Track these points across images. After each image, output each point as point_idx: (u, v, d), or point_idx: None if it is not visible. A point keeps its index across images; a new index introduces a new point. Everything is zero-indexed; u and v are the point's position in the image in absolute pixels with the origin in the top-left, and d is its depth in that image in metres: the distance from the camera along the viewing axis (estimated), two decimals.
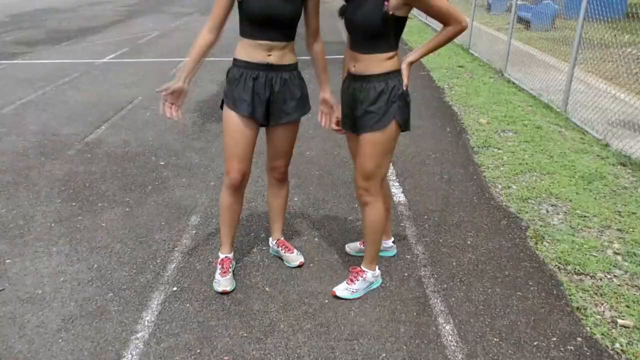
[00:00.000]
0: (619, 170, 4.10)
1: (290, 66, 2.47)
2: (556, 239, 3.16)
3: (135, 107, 5.79)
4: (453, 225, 3.35)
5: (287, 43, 2.40)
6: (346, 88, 2.48)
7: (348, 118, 2.50)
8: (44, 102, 5.93)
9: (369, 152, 2.38)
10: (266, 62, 2.38)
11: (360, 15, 2.24)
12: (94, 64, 7.94)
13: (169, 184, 3.91)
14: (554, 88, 5.96)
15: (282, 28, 2.35)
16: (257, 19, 2.31)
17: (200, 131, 5.06)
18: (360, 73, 2.34)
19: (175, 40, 9.97)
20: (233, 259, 2.82)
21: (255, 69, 2.40)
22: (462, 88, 6.57)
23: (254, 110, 2.43)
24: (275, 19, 2.31)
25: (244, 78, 2.42)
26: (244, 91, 2.42)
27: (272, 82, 2.42)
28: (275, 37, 2.36)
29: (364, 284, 2.67)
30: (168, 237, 3.19)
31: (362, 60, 2.32)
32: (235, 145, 2.48)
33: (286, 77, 2.45)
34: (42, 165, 4.23)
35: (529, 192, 3.76)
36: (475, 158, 4.41)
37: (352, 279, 2.66)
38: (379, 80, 2.30)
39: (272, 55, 2.38)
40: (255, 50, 2.38)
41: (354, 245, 3.05)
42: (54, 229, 3.27)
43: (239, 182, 2.56)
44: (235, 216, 2.70)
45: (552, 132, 4.95)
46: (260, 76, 2.40)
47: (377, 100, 2.31)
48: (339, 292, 2.64)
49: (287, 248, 2.95)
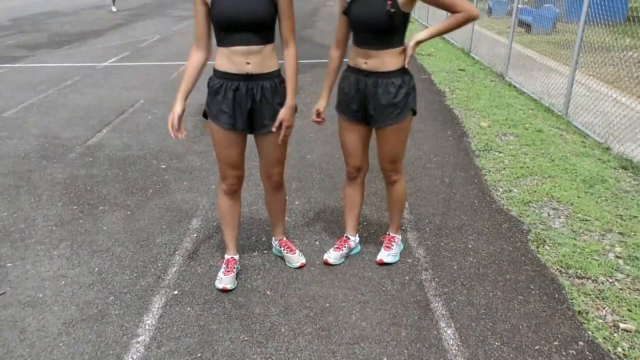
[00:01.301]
0: (620, 174, 4.10)
1: (271, 74, 2.40)
2: (557, 242, 3.15)
3: (136, 110, 5.80)
4: (454, 229, 3.35)
5: (263, 46, 2.33)
6: (354, 83, 2.52)
7: (358, 112, 2.58)
8: (46, 106, 5.95)
9: (395, 141, 2.59)
10: (245, 72, 2.33)
11: (367, 14, 2.31)
12: (96, 67, 7.96)
13: (170, 188, 3.92)
14: (555, 91, 5.96)
15: (255, 31, 2.27)
16: (224, 22, 2.25)
17: (202, 134, 5.06)
18: (375, 69, 2.42)
19: (176, 43, 10.00)
20: (238, 261, 2.85)
21: (235, 80, 2.35)
22: (463, 91, 6.57)
23: (235, 122, 2.42)
24: (243, 21, 2.23)
25: (224, 89, 2.38)
26: (224, 103, 2.39)
27: (253, 92, 2.38)
28: (250, 41, 2.29)
29: (397, 248, 3.01)
30: (169, 241, 3.19)
31: (375, 56, 2.40)
32: (225, 154, 2.52)
33: (267, 86, 2.39)
34: (44, 169, 4.23)
35: (530, 195, 3.75)
36: (476, 161, 4.41)
37: (389, 246, 2.97)
38: (396, 75, 2.43)
39: (251, 63, 2.32)
40: (232, 58, 2.32)
41: (334, 254, 2.96)
42: (55, 233, 3.28)
43: (235, 186, 2.63)
44: (235, 218, 2.75)
45: (553, 135, 4.95)
46: (240, 87, 2.36)
47: (397, 94, 2.45)
48: (386, 258, 2.93)
49: (289, 248, 2.97)
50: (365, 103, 2.52)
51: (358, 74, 2.49)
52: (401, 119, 2.51)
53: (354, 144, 2.70)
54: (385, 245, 2.99)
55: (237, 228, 2.79)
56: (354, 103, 2.56)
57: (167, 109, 5.82)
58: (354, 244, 3.04)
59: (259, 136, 2.53)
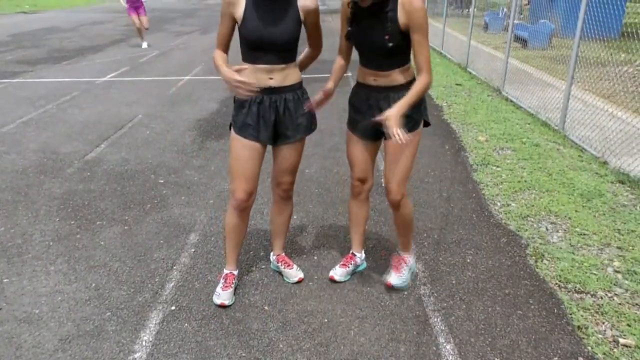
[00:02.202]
0: (618, 188, 4.11)
1: (294, 86, 2.51)
2: (556, 257, 3.15)
3: (135, 125, 5.82)
4: (453, 243, 3.35)
5: (286, 65, 2.44)
6: (364, 99, 2.53)
7: (368, 127, 2.56)
8: (45, 121, 5.96)
9: (406, 154, 2.54)
10: (268, 86, 2.43)
11: (369, 44, 2.36)
12: (95, 82, 7.99)
13: (168, 202, 3.91)
14: (552, 106, 6.00)
15: (278, 51, 2.39)
16: (253, 43, 2.36)
17: (200, 149, 5.07)
18: (385, 85, 2.45)
19: (175, 58, 10.06)
20: (237, 276, 2.84)
21: (259, 93, 2.43)
22: (461, 106, 6.61)
23: (259, 135, 2.49)
24: (271, 43, 2.35)
25: (248, 102, 2.46)
26: (248, 116, 2.47)
27: (276, 104, 2.47)
28: (273, 60, 2.40)
29: (407, 269, 2.88)
30: (167, 256, 3.18)
31: (383, 75, 2.43)
32: (242, 167, 2.53)
33: (290, 98, 2.50)
34: (42, 184, 4.23)
35: (528, 209, 3.76)
36: (474, 176, 4.42)
37: (398, 268, 2.86)
38: (406, 88, 2.40)
39: (274, 78, 2.43)
40: (256, 74, 2.41)
41: (340, 271, 2.95)
42: (52, 248, 3.26)
43: (245, 202, 2.61)
44: (240, 235, 2.74)
45: (551, 149, 4.97)
46: (264, 100, 2.45)
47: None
48: (394, 282, 2.82)
49: (286, 264, 2.95)
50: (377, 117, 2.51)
51: (368, 89, 2.51)
52: (414, 130, 2.49)
53: (360, 156, 2.69)
54: (394, 266, 2.87)
55: (240, 245, 2.79)
56: (366, 118, 2.54)
57: (165, 124, 5.84)
58: (360, 261, 3.02)
59: (277, 146, 2.62)
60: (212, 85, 7.76)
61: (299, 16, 2.40)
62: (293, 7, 2.37)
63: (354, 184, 2.79)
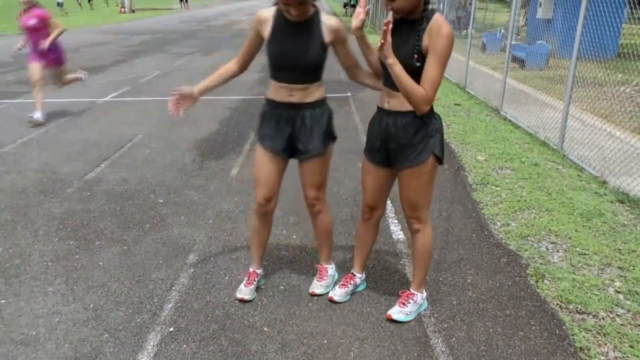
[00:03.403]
0: (617, 208, 4.11)
1: (314, 104, 2.60)
2: (557, 277, 3.13)
3: (135, 145, 5.84)
4: (453, 263, 3.33)
5: (309, 85, 2.54)
6: (377, 122, 2.54)
7: (380, 152, 2.55)
8: (45, 141, 5.98)
9: (413, 185, 2.50)
10: (288, 101, 2.57)
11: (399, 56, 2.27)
12: (96, 102, 8.04)
13: (167, 222, 3.90)
14: (550, 125, 6.03)
15: (301, 73, 2.50)
16: (275, 62, 2.52)
17: (200, 169, 5.08)
18: (395, 109, 2.42)
19: (176, 79, 10.13)
20: (261, 275, 3.03)
21: (279, 107, 2.60)
22: (459, 126, 6.64)
23: (275, 145, 2.63)
24: (293, 64, 2.49)
25: (269, 115, 2.65)
26: (268, 127, 2.65)
27: (293, 119, 2.59)
28: (294, 80, 2.53)
29: (415, 307, 2.77)
30: (165, 276, 3.16)
31: (396, 96, 2.39)
32: (260, 174, 2.72)
33: (307, 114, 2.59)
34: (41, 204, 4.22)
35: (528, 229, 3.75)
36: (473, 195, 4.42)
37: (404, 302, 2.76)
38: (415, 115, 2.36)
39: (294, 95, 2.56)
40: (278, 90, 2.58)
41: (339, 291, 2.93)
42: (50, 268, 3.25)
43: (264, 207, 2.77)
44: (261, 238, 2.93)
45: (550, 169, 4.98)
46: (283, 114, 2.60)
47: (415, 134, 2.39)
48: (394, 315, 2.73)
49: (319, 274, 3.04)
50: (386, 143, 2.49)
51: (382, 113, 2.51)
52: (420, 162, 2.42)
53: (372, 184, 2.67)
54: (400, 300, 2.78)
55: (262, 247, 2.96)
56: (377, 142, 2.54)
57: (165, 144, 5.86)
58: (359, 281, 3.01)
59: (300, 162, 2.72)
60: (212, 105, 7.80)
61: (323, 39, 2.48)
62: (316, 31, 2.47)
63: (363, 209, 2.79)
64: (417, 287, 2.80)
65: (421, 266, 2.74)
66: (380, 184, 2.65)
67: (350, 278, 2.97)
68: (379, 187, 2.67)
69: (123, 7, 34.06)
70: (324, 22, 2.48)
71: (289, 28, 2.46)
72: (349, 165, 5.10)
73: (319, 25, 2.48)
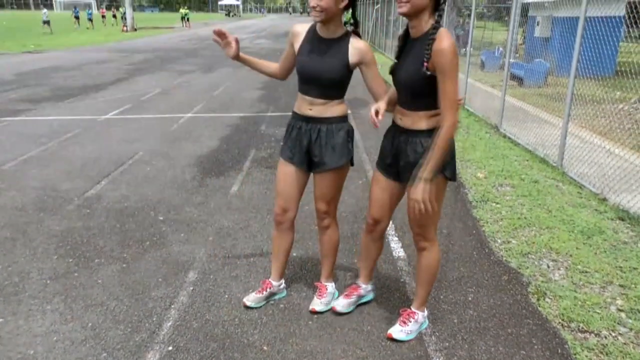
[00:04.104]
0: (618, 225, 4.10)
1: (331, 119, 2.65)
2: (558, 295, 3.12)
3: (135, 162, 5.85)
4: (454, 281, 3.32)
5: (329, 101, 2.61)
6: (391, 138, 2.57)
7: (392, 167, 2.59)
8: (46, 158, 5.99)
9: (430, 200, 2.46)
10: (307, 115, 2.66)
11: (405, 74, 2.40)
12: (97, 120, 8.07)
13: (167, 239, 3.90)
14: (549, 143, 6.05)
15: (322, 87, 2.59)
16: (300, 74, 2.65)
17: (200, 186, 5.08)
18: (407, 127, 2.45)
19: (176, 96, 10.19)
20: (278, 288, 3.07)
21: (300, 120, 2.70)
22: (459, 143, 6.66)
23: (293, 157, 2.73)
24: (315, 79, 2.59)
25: (291, 127, 2.75)
26: (289, 139, 2.75)
27: (310, 132, 2.67)
28: (316, 94, 2.62)
29: (416, 325, 2.75)
30: (165, 294, 3.15)
31: (408, 115, 2.44)
32: (279, 185, 2.81)
33: (324, 129, 2.65)
34: (41, 221, 4.22)
35: (529, 247, 3.74)
36: (473, 212, 4.42)
37: (405, 321, 2.74)
38: (424, 135, 2.38)
39: (313, 109, 2.64)
40: (301, 103, 2.68)
41: (343, 302, 2.94)
42: (49, 286, 3.23)
43: (280, 216, 2.86)
44: (280, 248, 2.97)
45: (549, 186, 4.98)
46: (302, 127, 2.69)
47: (424, 154, 2.35)
48: (395, 334, 2.71)
49: (319, 291, 3.04)
50: (397, 158, 2.53)
51: (395, 129, 2.55)
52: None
53: (379, 195, 2.69)
54: (401, 319, 2.76)
55: (281, 258, 3.00)
56: (389, 157, 2.59)
57: (166, 161, 5.88)
58: (364, 292, 3.01)
59: (314, 174, 2.78)
60: (213, 122, 7.84)
61: (347, 59, 2.55)
62: (343, 50, 2.56)
63: (368, 221, 2.80)
64: (418, 306, 2.78)
65: (425, 285, 2.73)
66: (388, 196, 2.67)
67: (354, 289, 2.98)
68: (386, 200, 2.68)
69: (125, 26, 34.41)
70: (352, 43, 2.57)
71: (318, 44, 2.59)
72: (349, 182, 5.09)
73: (347, 45, 2.56)
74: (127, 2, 34.63)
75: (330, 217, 2.87)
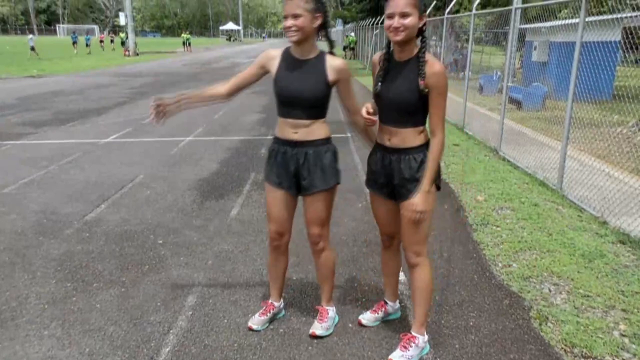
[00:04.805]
0: (619, 249, 4.09)
1: (317, 142, 2.68)
2: (560, 319, 3.09)
3: (136, 185, 5.86)
4: (455, 305, 3.29)
5: (312, 121, 2.63)
6: (379, 159, 2.64)
7: (386, 187, 2.66)
8: (46, 182, 6.00)
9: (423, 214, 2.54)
10: (292, 139, 2.66)
11: (396, 93, 2.48)
12: (98, 143, 8.11)
13: (167, 263, 3.88)
14: (549, 166, 6.06)
15: (304, 107, 2.61)
16: (282, 98, 2.64)
17: (200, 209, 5.08)
18: (398, 146, 2.54)
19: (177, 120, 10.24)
20: (279, 308, 3.10)
21: (284, 145, 2.69)
22: (458, 166, 6.68)
23: (281, 182, 2.73)
24: (297, 99, 2.60)
25: (275, 152, 2.74)
26: (274, 164, 2.75)
27: (297, 156, 2.67)
28: (300, 116, 2.63)
29: (417, 350, 2.72)
30: (163, 319, 3.12)
31: (398, 134, 2.53)
32: (271, 210, 2.83)
33: (310, 152, 2.66)
34: (40, 245, 4.20)
35: (530, 270, 3.72)
36: (474, 235, 4.41)
37: (406, 346, 2.72)
38: (417, 152, 2.53)
39: (298, 133, 2.64)
40: (284, 127, 2.68)
41: (369, 316, 3.07)
42: (47, 311, 3.20)
43: (276, 241, 2.88)
44: (278, 271, 3.02)
45: (549, 209, 4.98)
46: (287, 151, 2.69)
47: (419, 169, 2.51)
48: (396, 359, 2.68)
49: (320, 316, 3.02)
50: (391, 178, 2.61)
51: (383, 150, 2.62)
52: None
53: (384, 215, 2.80)
54: (402, 344, 2.73)
55: (279, 280, 3.05)
56: (381, 178, 2.67)
57: (166, 184, 5.88)
58: (391, 310, 3.07)
59: (304, 197, 2.77)
60: (213, 145, 7.88)
61: (327, 77, 2.60)
62: (321, 69, 2.60)
63: (382, 238, 2.92)
64: (418, 329, 2.75)
65: (422, 304, 2.72)
66: (392, 213, 2.73)
67: (381, 305, 3.07)
68: (392, 216, 2.75)
69: (127, 50, 34.84)
70: (329, 61, 2.63)
71: (296, 66, 2.62)
72: (348, 205, 5.11)
73: (324, 64, 2.62)
74: (130, 27, 35.18)
75: (324, 239, 2.87)
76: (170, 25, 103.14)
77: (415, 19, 2.35)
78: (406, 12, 2.33)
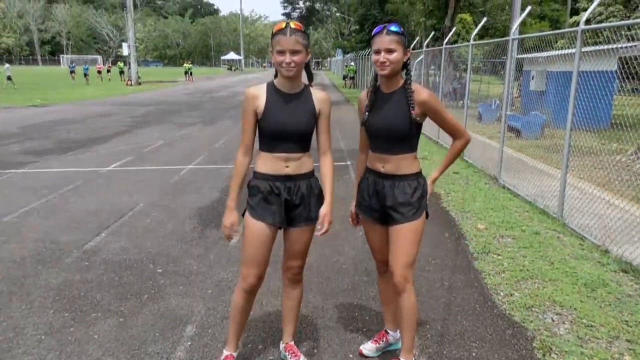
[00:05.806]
0: (622, 278, 4.06)
1: (307, 174, 2.69)
2: (564, 350, 3.05)
3: (136, 214, 5.85)
4: (457, 336, 3.25)
5: (303, 154, 2.65)
6: (372, 184, 2.72)
7: (378, 212, 2.73)
8: (47, 210, 6.00)
9: (411, 240, 2.63)
10: (284, 174, 2.62)
11: (386, 122, 2.59)
12: (99, 172, 8.14)
13: (166, 293, 3.84)
14: (549, 194, 6.07)
15: (297, 141, 2.62)
16: (274, 133, 2.59)
17: (200, 238, 5.06)
18: (392, 173, 2.65)
19: (179, 149, 10.32)
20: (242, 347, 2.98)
21: (274, 180, 2.63)
22: (459, 194, 6.69)
23: (274, 217, 2.64)
24: (291, 133, 2.59)
25: (262, 188, 2.64)
26: (264, 200, 2.64)
27: (289, 190, 2.65)
28: (291, 149, 2.62)
29: None
30: (162, 350, 3.08)
31: (391, 161, 2.64)
32: (255, 252, 2.66)
33: (304, 185, 2.67)
34: (39, 274, 4.18)
35: (532, 300, 3.69)
36: (475, 264, 4.38)
37: None
38: (411, 179, 2.66)
39: (290, 166, 2.62)
40: (274, 162, 2.62)
41: (370, 346, 3.04)
42: (44, 342, 3.16)
43: (254, 287, 2.72)
44: (245, 317, 2.83)
45: (551, 238, 4.96)
46: (279, 186, 2.63)
47: (413, 195, 2.63)
48: None
49: (294, 354, 2.90)
50: (383, 203, 2.68)
51: (376, 176, 2.70)
52: (417, 219, 2.63)
53: (378, 241, 2.84)
54: None
55: (244, 326, 2.86)
56: (373, 203, 2.73)
57: (166, 213, 5.88)
58: (393, 340, 3.03)
59: (288, 230, 2.73)
60: (214, 174, 7.90)
61: (315, 108, 2.64)
62: (309, 100, 2.64)
63: (377, 265, 2.94)
64: (407, 354, 2.72)
65: (411, 330, 2.70)
66: (384, 237, 2.77)
67: (383, 335, 3.04)
68: (385, 241, 2.76)
69: (130, 80, 35.27)
70: (314, 94, 2.67)
71: (286, 100, 2.60)
72: (349, 234, 5.09)
73: (311, 96, 2.66)
74: (133, 57, 35.70)
75: (302, 271, 2.86)
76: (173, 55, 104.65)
77: (400, 54, 2.52)
78: (392, 49, 2.50)
